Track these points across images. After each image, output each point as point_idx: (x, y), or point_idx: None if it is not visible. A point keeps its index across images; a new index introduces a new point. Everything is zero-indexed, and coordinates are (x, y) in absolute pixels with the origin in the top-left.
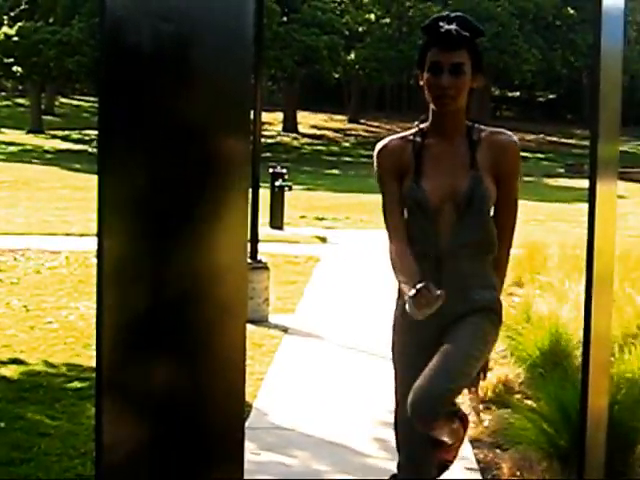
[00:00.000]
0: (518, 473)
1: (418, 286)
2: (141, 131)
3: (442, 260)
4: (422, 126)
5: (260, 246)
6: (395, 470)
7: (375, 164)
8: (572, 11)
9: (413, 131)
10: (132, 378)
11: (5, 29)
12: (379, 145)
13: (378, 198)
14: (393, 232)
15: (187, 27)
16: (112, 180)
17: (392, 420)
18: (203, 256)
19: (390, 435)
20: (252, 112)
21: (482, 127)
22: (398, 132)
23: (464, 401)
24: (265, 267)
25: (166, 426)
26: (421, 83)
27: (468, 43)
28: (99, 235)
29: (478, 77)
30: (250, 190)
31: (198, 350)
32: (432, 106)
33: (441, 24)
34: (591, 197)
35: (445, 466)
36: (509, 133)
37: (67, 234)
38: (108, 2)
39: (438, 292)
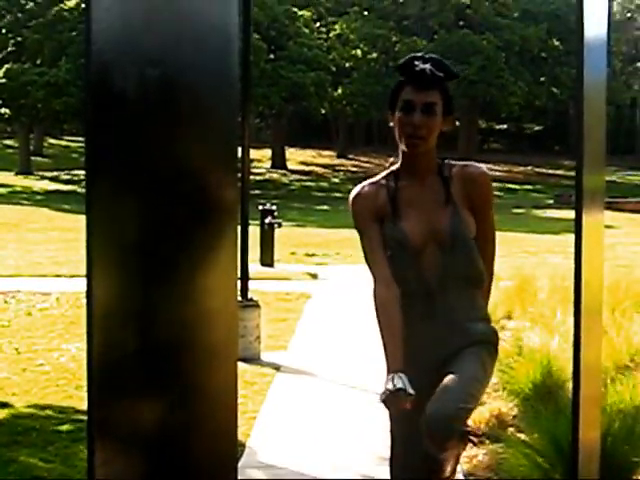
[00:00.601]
0: None
1: (393, 386)
2: (129, 173)
3: (432, 296)
4: (393, 168)
5: (251, 284)
6: None
7: (351, 211)
8: (557, 43)
9: (384, 174)
10: (123, 420)
11: None
12: (353, 193)
13: None
14: (378, 276)
15: (173, 70)
16: (100, 223)
17: (386, 456)
18: (193, 298)
19: (384, 472)
20: (240, 149)
21: (452, 162)
22: (386, 167)
23: None
24: (256, 305)
25: (158, 467)
26: (391, 124)
27: (441, 84)
28: (88, 277)
29: (448, 120)
30: (239, 228)
31: (189, 392)
32: (402, 147)
33: (416, 63)
34: (577, 228)
35: None
36: (478, 165)
37: (57, 275)
38: (94, 46)
39: (411, 392)
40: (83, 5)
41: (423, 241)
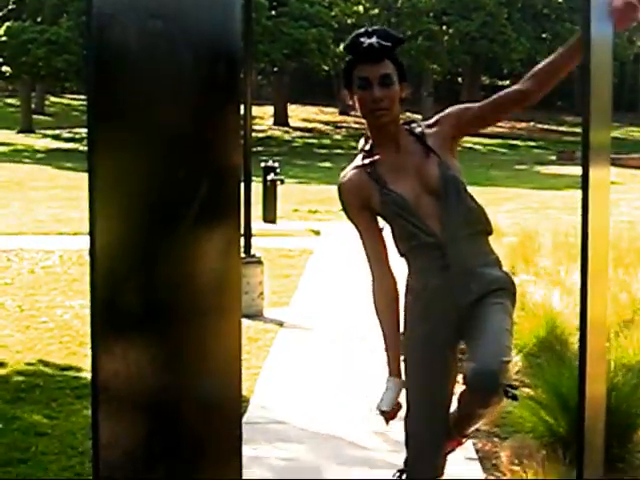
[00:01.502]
0: (517, 461)
1: (381, 408)
2: (131, 128)
3: (443, 246)
4: (367, 147)
5: (253, 240)
6: (400, 465)
7: (342, 203)
8: (560, 0)
9: (361, 155)
10: (127, 377)
11: None
12: (339, 184)
13: None
14: (373, 272)
15: (175, 23)
16: (103, 180)
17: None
18: (196, 254)
19: (388, 427)
20: (242, 106)
21: (420, 123)
22: (360, 148)
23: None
24: (259, 261)
25: (163, 424)
26: (350, 103)
27: (391, 54)
28: (91, 234)
29: (404, 86)
30: (242, 185)
31: (193, 348)
32: (369, 122)
33: (362, 40)
34: (584, 184)
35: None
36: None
37: (60, 233)
38: (94, 1)
39: (390, 408)
40: None
41: (418, 197)
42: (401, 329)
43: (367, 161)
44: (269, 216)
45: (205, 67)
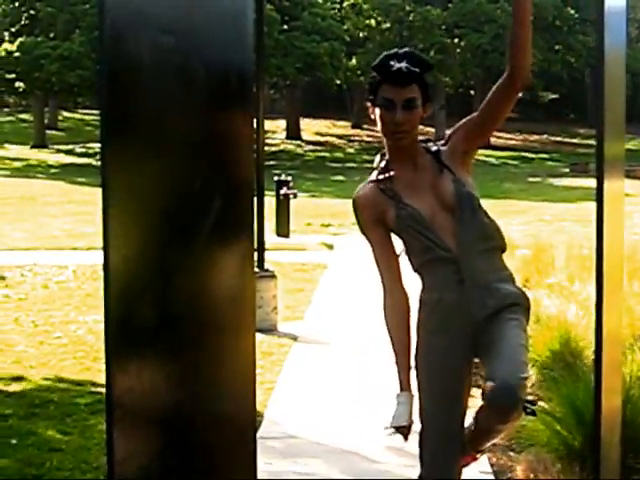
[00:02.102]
0: (532, 476)
1: (391, 426)
2: (145, 144)
3: (457, 261)
4: (383, 164)
5: (267, 254)
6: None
7: (356, 218)
8: (572, 11)
9: (377, 171)
10: (142, 392)
11: (6, 45)
12: (354, 199)
13: None
14: (385, 286)
15: (187, 39)
16: (117, 194)
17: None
18: (211, 269)
19: (403, 442)
20: (255, 120)
21: (436, 143)
22: (377, 164)
23: (475, 404)
24: (273, 276)
25: (178, 439)
26: (372, 115)
27: (418, 78)
28: (105, 248)
29: (428, 107)
30: (255, 199)
31: (208, 363)
32: (388, 141)
33: (392, 63)
34: (599, 196)
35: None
36: None
37: (74, 248)
38: (107, 16)
39: (407, 423)
40: None
41: (433, 213)
42: (412, 343)
43: (382, 177)
44: (282, 230)
45: (217, 81)
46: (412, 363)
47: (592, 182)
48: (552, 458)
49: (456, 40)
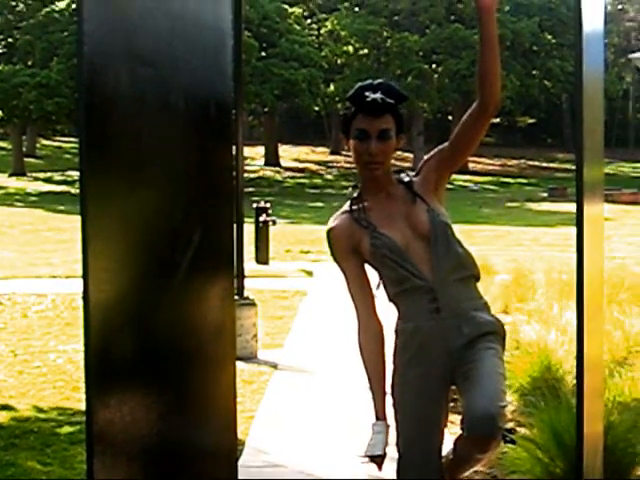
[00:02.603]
0: None
1: (372, 452)
2: (123, 173)
3: (433, 290)
4: (355, 194)
5: (246, 282)
6: None
7: (330, 248)
8: (549, 37)
9: (351, 201)
10: (122, 423)
11: None
12: (328, 230)
13: None
14: (358, 317)
15: (167, 70)
16: (96, 224)
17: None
18: (190, 299)
19: (385, 470)
20: (234, 147)
21: (408, 173)
22: (350, 194)
23: (456, 432)
24: (252, 303)
25: (158, 470)
26: (346, 148)
27: (393, 109)
28: (84, 280)
29: (401, 138)
30: (235, 226)
31: (189, 395)
32: (361, 172)
33: (367, 94)
34: (579, 221)
35: None
36: None
37: (53, 276)
38: (86, 46)
39: (382, 453)
40: (74, 6)
41: (407, 240)
42: (387, 372)
43: (356, 207)
44: (262, 257)
45: (197, 112)
46: (388, 391)
47: (571, 206)
48: None
49: (434, 66)
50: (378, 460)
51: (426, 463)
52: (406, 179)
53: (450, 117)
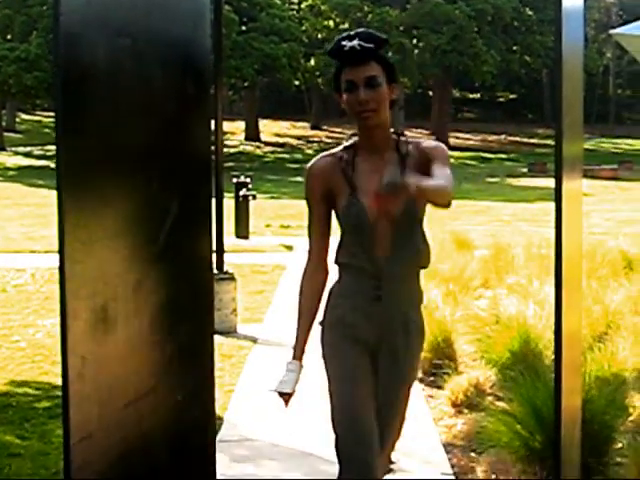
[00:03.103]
0: (494, 476)
1: (282, 389)
2: (100, 145)
3: (380, 277)
4: (352, 141)
5: (226, 256)
6: None
7: (305, 184)
8: (530, 12)
9: (343, 147)
10: (99, 400)
11: None
12: (310, 164)
13: None
14: (312, 256)
15: (144, 41)
16: (72, 197)
17: None
18: (168, 271)
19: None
20: (213, 122)
21: (409, 140)
22: (346, 139)
23: (436, 405)
24: (232, 278)
25: (135, 444)
26: (343, 106)
27: (376, 55)
28: (60, 252)
29: (394, 87)
30: (214, 200)
31: (166, 367)
32: (358, 124)
33: (344, 43)
34: (557, 197)
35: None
36: (436, 142)
37: (32, 251)
38: (62, 17)
39: (289, 391)
40: None
41: (377, 218)
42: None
43: (346, 155)
44: (241, 232)
45: (174, 82)
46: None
47: (550, 182)
48: (513, 459)
49: (414, 41)
50: (286, 397)
51: (361, 412)
52: (404, 148)
53: (431, 92)
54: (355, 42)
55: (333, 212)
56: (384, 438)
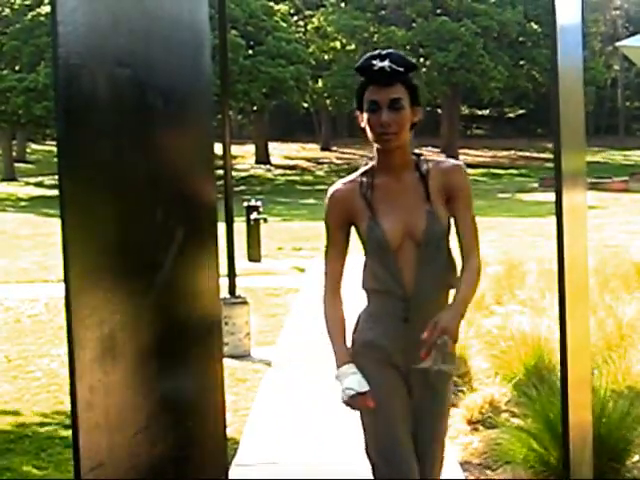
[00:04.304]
0: None
1: (345, 392)
2: (103, 176)
3: (409, 300)
4: (369, 166)
5: (238, 280)
6: None
7: (325, 210)
8: (535, 26)
9: (361, 171)
10: (108, 424)
11: None
12: (330, 191)
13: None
14: (329, 281)
15: (143, 70)
16: (75, 228)
17: None
18: (175, 299)
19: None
20: (222, 146)
21: (428, 159)
22: (364, 164)
23: (451, 423)
24: (244, 302)
25: (146, 472)
26: (362, 125)
27: (403, 78)
28: (66, 282)
29: (417, 110)
30: (225, 225)
31: (176, 393)
32: (376, 145)
33: (374, 62)
34: (558, 210)
35: None
36: (456, 162)
37: (45, 281)
38: (61, 49)
39: (363, 389)
40: None
41: (401, 240)
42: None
43: (364, 180)
44: (253, 255)
45: (175, 110)
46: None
47: None
48: (528, 475)
49: (421, 59)
50: (359, 401)
51: (398, 435)
52: (424, 167)
53: (439, 110)
54: (386, 63)
55: (357, 236)
56: (425, 467)
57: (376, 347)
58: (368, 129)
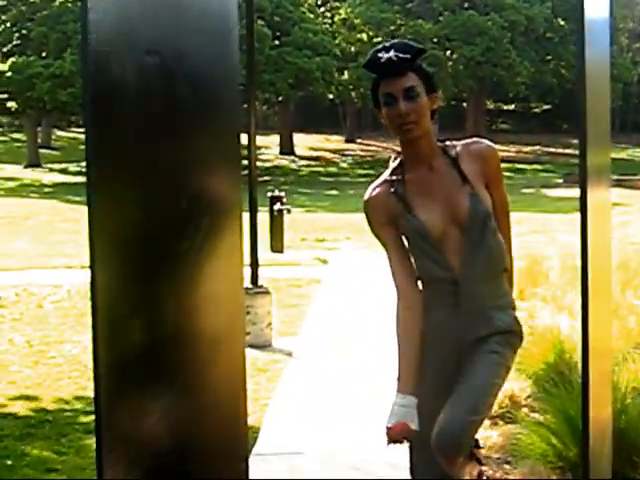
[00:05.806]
0: None
1: (394, 422)
2: (130, 165)
3: (458, 284)
4: (397, 162)
5: (261, 270)
6: None
7: (367, 219)
8: (562, 22)
9: (391, 169)
10: (130, 412)
11: None
12: (366, 198)
13: None
14: (398, 291)
15: (172, 58)
16: (101, 215)
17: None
18: (198, 287)
19: (401, 457)
20: (247, 136)
21: (454, 142)
22: (395, 150)
23: None
24: (267, 292)
25: (167, 459)
26: (383, 121)
27: (413, 66)
28: (92, 270)
29: (434, 97)
30: (248, 215)
31: (196, 381)
32: (400, 137)
33: (380, 55)
34: (582, 207)
35: None
36: (483, 140)
37: (68, 267)
38: (91, 36)
39: (415, 427)
40: None
41: (443, 227)
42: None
43: (395, 177)
44: (276, 246)
45: (203, 98)
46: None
47: None
48: (547, 470)
49: (448, 53)
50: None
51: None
52: (452, 152)
53: (465, 104)
54: (391, 53)
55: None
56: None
57: (429, 334)
58: (388, 123)
